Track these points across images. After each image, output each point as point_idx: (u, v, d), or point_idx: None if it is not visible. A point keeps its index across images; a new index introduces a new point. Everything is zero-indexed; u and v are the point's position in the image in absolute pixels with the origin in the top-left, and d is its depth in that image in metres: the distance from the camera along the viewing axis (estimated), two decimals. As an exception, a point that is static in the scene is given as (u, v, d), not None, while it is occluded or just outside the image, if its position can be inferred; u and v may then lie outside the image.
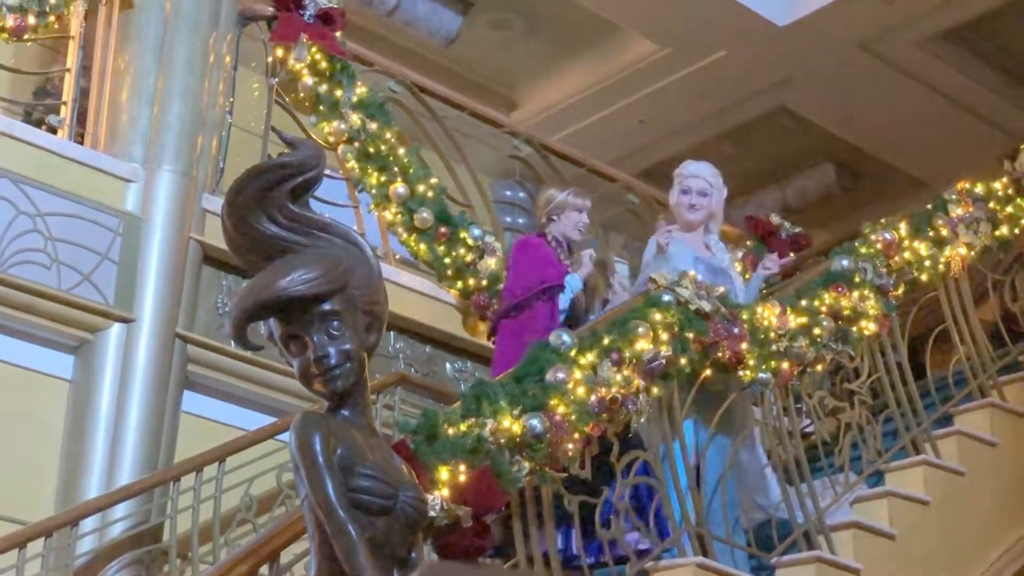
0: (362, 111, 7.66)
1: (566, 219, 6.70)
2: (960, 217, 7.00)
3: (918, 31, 11.33)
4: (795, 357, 5.95)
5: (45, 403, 6.52)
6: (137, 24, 7.24)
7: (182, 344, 6.75)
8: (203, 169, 7.10)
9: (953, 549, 6.30)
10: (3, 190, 6.45)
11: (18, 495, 6.22)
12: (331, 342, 3.01)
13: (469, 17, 11.29)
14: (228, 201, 3.06)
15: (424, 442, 4.71)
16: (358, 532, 2.89)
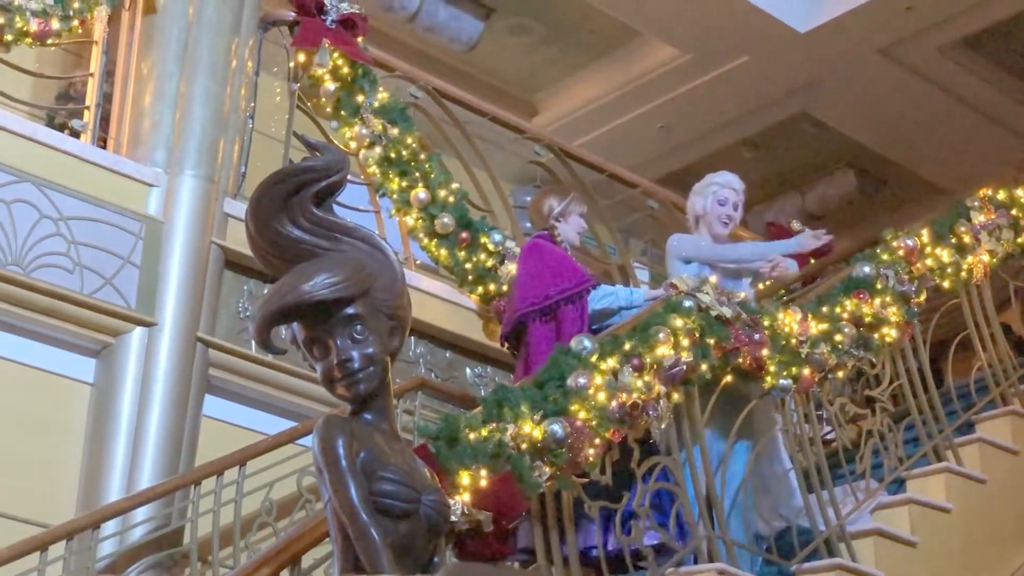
0: (383, 116, 7.68)
1: (572, 223, 6.70)
2: (982, 224, 6.98)
3: (939, 38, 11.32)
4: (816, 364, 5.93)
5: (67, 406, 6.54)
6: (160, 29, 7.27)
7: (203, 348, 6.77)
8: (225, 174, 7.12)
9: (974, 557, 6.28)
10: (26, 194, 6.47)
11: (40, 498, 6.25)
12: (354, 346, 3.01)
13: (490, 23, 11.30)
14: (252, 205, 3.07)
15: (445, 446, 4.70)
16: (381, 536, 2.89)
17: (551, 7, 11.24)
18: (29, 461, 6.33)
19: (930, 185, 12.48)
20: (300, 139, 5.09)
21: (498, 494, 4.61)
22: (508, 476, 4.70)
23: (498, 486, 4.64)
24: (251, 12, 7.50)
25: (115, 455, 6.46)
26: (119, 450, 6.46)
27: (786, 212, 11.66)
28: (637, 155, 11.48)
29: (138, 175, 6.90)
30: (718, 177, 6.65)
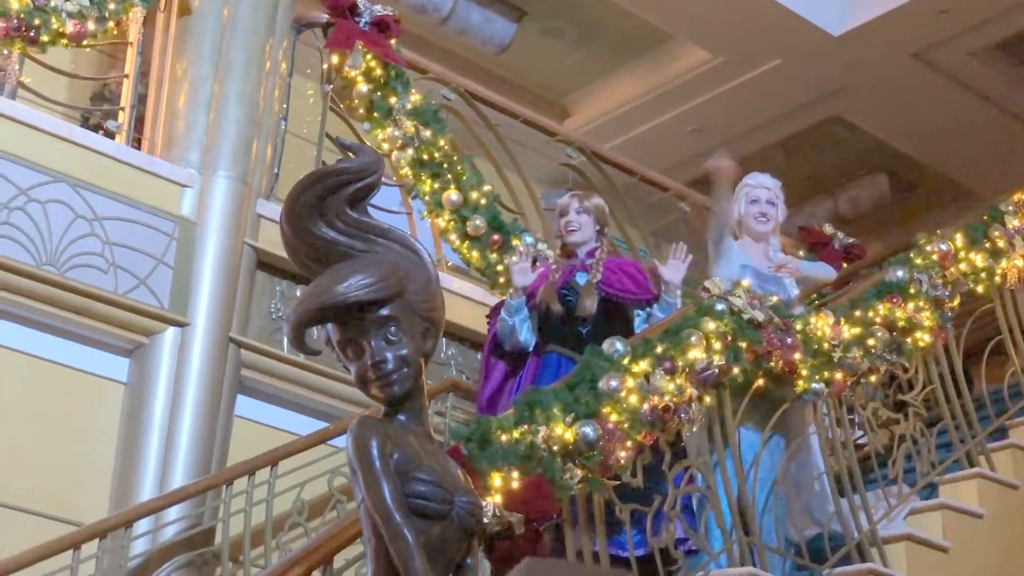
0: (416, 118, 7.69)
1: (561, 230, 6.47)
2: (1017, 228, 6.96)
3: (972, 42, 11.29)
4: (848, 368, 5.92)
5: (100, 406, 6.58)
6: (194, 31, 7.30)
7: (236, 348, 6.79)
8: (258, 175, 7.14)
9: (1007, 563, 6.26)
10: (61, 194, 6.51)
11: (73, 497, 6.28)
12: (388, 347, 3.01)
13: (522, 25, 11.31)
14: (287, 206, 3.07)
15: (477, 448, 4.71)
16: (415, 537, 2.89)
17: (583, 9, 11.25)
18: (63, 460, 6.36)
19: (963, 189, 12.44)
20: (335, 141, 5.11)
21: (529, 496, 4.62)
22: (539, 478, 4.71)
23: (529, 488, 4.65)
24: (285, 14, 7.53)
25: (148, 454, 6.48)
26: (152, 449, 6.49)
27: (818, 216, 11.63)
28: (669, 158, 11.44)
29: (172, 176, 6.93)
30: (749, 179, 6.65)
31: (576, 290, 6.10)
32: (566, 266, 6.30)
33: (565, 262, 6.36)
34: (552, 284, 6.13)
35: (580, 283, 6.13)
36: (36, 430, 6.31)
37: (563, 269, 6.27)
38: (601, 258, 6.24)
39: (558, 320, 6.07)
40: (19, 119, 6.56)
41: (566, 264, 6.33)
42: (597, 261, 6.21)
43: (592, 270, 6.17)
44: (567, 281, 6.17)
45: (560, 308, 6.05)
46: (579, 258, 6.29)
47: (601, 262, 6.21)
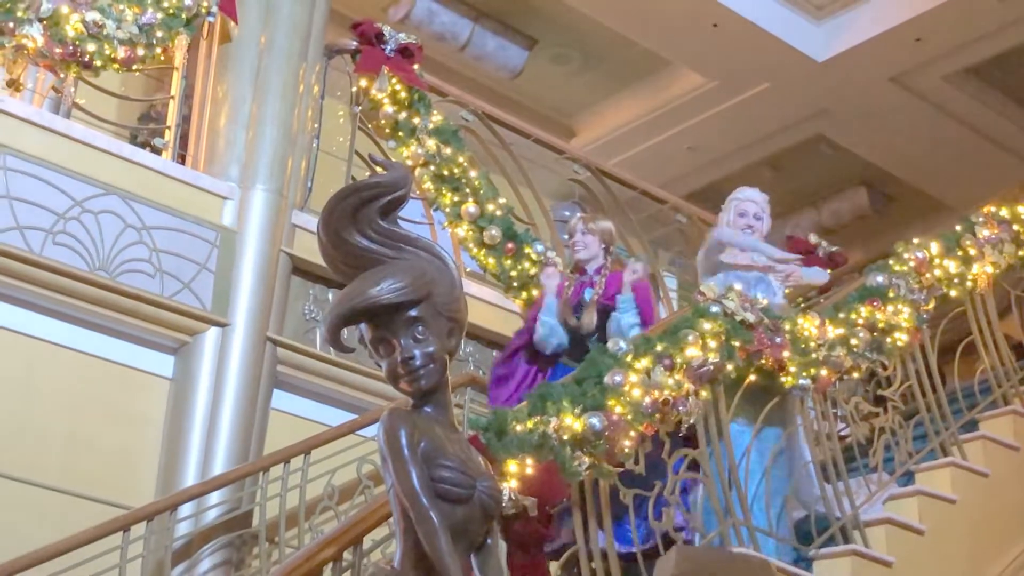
0: (437, 137, 7.71)
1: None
2: (987, 238, 6.95)
3: (946, 67, 11.29)
4: (833, 365, 5.91)
5: (147, 399, 6.59)
6: (234, 56, 7.32)
7: (272, 347, 6.80)
8: (293, 188, 7.16)
9: (978, 545, 6.25)
10: (112, 206, 6.52)
11: (122, 483, 6.29)
12: (416, 345, 3.02)
13: (533, 53, 11.34)
14: (324, 217, 3.08)
15: (494, 437, 4.72)
16: (440, 519, 2.90)
17: (589, 38, 11.26)
18: (113, 449, 6.38)
19: (937, 202, 12.44)
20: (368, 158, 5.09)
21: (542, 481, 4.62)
22: (551, 465, 4.71)
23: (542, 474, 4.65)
24: (317, 41, 7.55)
25: (191, 444, 6.49)
26: (194, 439, 6.50)
27: (803, 226, 11.63)
28: (666, 173, 11.47)
29: (214, 189, 6.94)
30: (738, 192, 6.64)
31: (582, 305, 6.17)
32: (577, 282, 6.36)
33: (576, 278, 6.40)
34: (566, 301, 6.19)
35: (587, 299, 6.19)
36: (89, 422, 6.33)
37: (575, 285, 6.33)
38: (604, 274, 6.28)
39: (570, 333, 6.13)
40: (74, 136, 6.59)
41: (577, 280, 6.38)
42: (601, 278, 6.26)
43: (596, 286, 6.23)
44: (579, 297, 6.25)
45: (576, 321, 6.10)
46: (588, 274, 6.35)
47: (604, 278, 6.26)
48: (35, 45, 6.50)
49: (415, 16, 10.63)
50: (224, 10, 7.24)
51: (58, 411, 6.25)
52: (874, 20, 10.86)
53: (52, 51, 6.58)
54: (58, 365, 6.33)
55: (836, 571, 5.58)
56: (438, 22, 10.78)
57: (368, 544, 4.81)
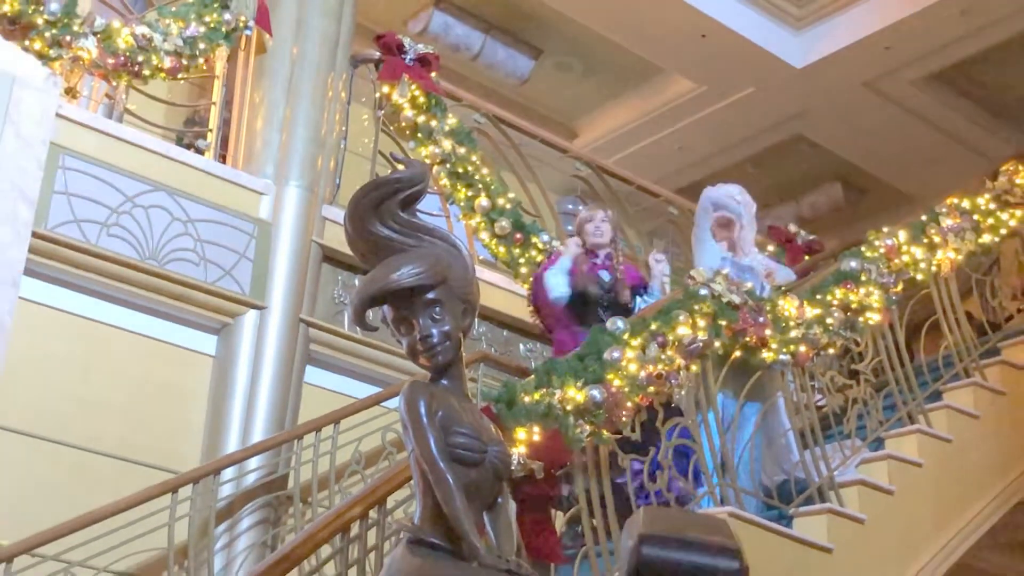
0: (452, 138, 7.71)
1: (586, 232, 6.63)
2: (950, 227, 6.95)
3: (913, 73, 11.27)
4: (811, 342, 5.92)
5: (193, 375, 6.60)
6: (269, 65, 7.32)
7: (305, 327, 6.81)
8: (322, 184, 7.16)
9: (942, 504, 6.25)
10: (161, 201, 6.54)
11: (171, 449, 6.31)
12: (434, 324, 3.02)
13: (539, 61, 11.33)
14: (350, 209, 3.08)
15: (505, 408, 4.73)
16: (456, 481, 2.90)
17: (589, 48, 11.25)
18: (162, 419, 6.40)
19: (905, 195, 12.42)
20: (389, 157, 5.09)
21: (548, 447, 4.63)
22: (556, 432, 4.72)
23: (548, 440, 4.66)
24: (344, 51, 7.55)
25: (232, 415, 6.51)
26: (235, 410, 6.51)
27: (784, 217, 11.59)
28: (659, 170, 11.45)
29: (251, 185, 6.95)
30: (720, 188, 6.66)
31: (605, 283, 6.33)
32: (590, 262, 6.45)
33: (587, 258, 6.44)
34: (585, 273, 6.35)
35: (605, 279, 6.33)
36: (141, 395, 6.35)
37: (589, 263, 6.44)
38: (620, 261, 6.48)
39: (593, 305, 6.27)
40: (125, 139, 6.60)
41: (590, 260, 6.46)
42: (618, 263, 6.46)
43: (613, 270, 6.40)
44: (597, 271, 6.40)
45: (597, 290, 6.30)
46: (599, 258, 6.40)
47: (621, 264, 6.46)
48: (90, 56, 6.51)
49: (432, 29, 10.62)
50: (260, 24, 7.25)
51: (113, 386, 6.27)
52: (848, 30, 10.84)
53: (105, 62, 6.59)
54: (113, 344, 6.35)
55: (814, 528, 5.59)
56: (453, 34, 10.77)
57: (391, 504, 4.82)
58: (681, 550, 1.04)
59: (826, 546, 5.54)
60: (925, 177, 11.93)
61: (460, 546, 2.88)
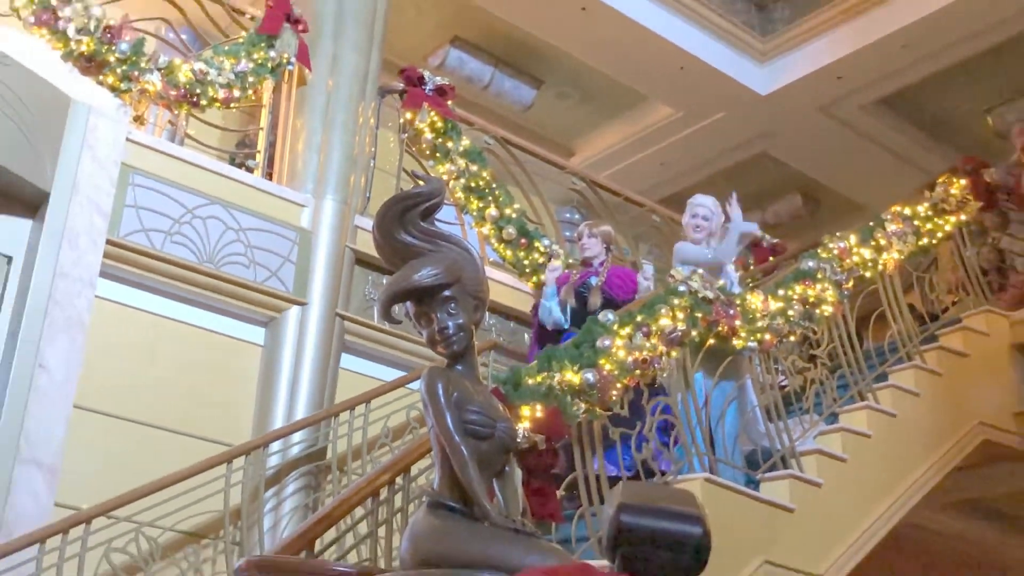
0: (466, 157, 7.70)
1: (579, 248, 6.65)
2: (894, 232, 6.94)
3: (861, 98, 11.25)
4: (774, 331, 5.91)
5: (245, 361, 6.60)
6: (308, 96, 7.32)
7: (340, 320, 6.81)
8: (355, 198, 7.16)
9: (888, 468, 6.25)
10: (217, 212, 6.54)
11: (226, 426, 6.31)
12: (449, 318, 3.02)
13: (541, 91, 11.31)
14: (378, 219, 3.08)
15: (512, 389, 4.73)
16: (469, 452, 2.90)
17: (584, 79, 11.24)
18: (219, 400, 6.41)
19: (855, 204, 12.38)
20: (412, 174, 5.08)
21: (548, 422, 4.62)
22: (555, 410, 4.72)
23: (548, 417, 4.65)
24: (372, 83, 7.55)
25: (278, 395, 6.51)
26: (281, 392, 6.51)
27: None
28: (644, 183, 11.42)
29: (294, 199, 6.95)
30: (694, 198, 6.65)
31: (588, 288, 6.32)
32: (583, 272, 6.50)
33: (583, 268, 6.55)
34: (571, 286, 6.37)
35: (593, 284, 6.32)
36: (199, 379, 6.35)
37: (581, 274, 6.48)
38: (606, 267, 6.45)
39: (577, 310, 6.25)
40: (185, 159, 6.60)
41: (583, 270, 6.52)
42: (604, 270, 6.42)
43: (599, 275, 6.37)
44: (584, 281, 6.39)
45: (574, 302, 6.29)
46: (594, 266, 6.47)
47: (606, 270, 6.42)
48: (155, 89, 6.52)
49: (449, 63, 10.61)
50: (300, 60, 7.25)
51: (175, 371, 6.27)
52: (805, 62, 10.82)
53: (168, 93, 6.60)
54: (175, 336, 6.35)
55: (778, 491, 5.59)
56: (466, 68, 10.76)
57: (415, 471, 4.82)
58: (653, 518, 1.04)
59: (788, 506, 5.54)
60: (873, 189, 11.90)
61: (473, 508, 2.89)
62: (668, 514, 1.04)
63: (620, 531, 1.04)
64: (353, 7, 7.56)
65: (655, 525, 1.03)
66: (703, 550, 1.04)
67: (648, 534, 1.03)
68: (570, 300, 6.28)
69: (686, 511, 1.06)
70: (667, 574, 1.01)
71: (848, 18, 10.52)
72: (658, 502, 1.06)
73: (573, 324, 6.18)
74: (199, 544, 5.75)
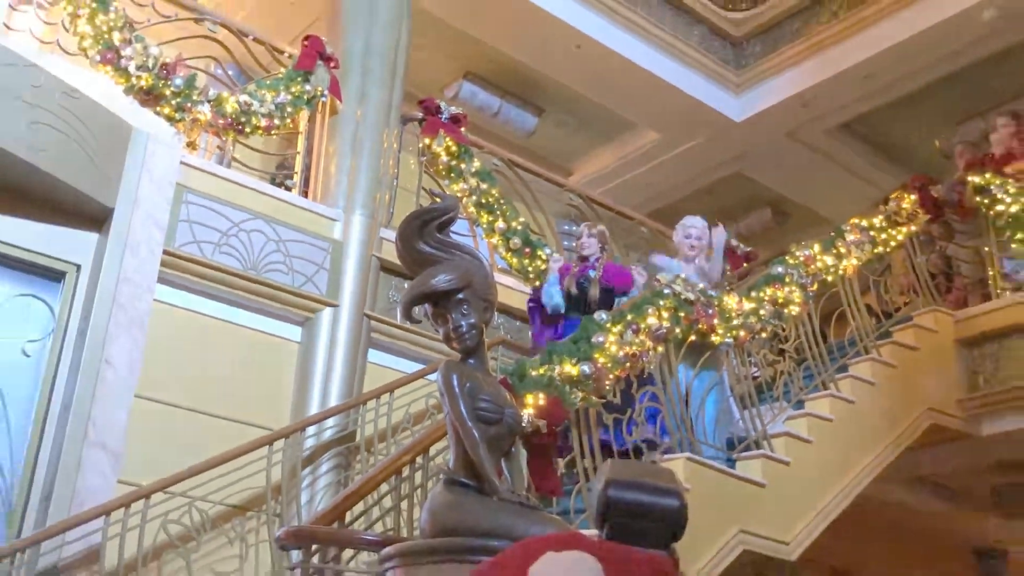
0: (477, 177, 7.72)
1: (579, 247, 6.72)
2: (852, 241, 6.93)
3: (825, 124, 11.23)
4: (748, 328, 5.90)
5: (284, 356, 6.61)
6: (339, 124, 7.33)
7: (367, 320, 6.82)
8: (380, 213, 7.16)
9: (847, 449, 6.23)
10: (260, 226, 6.55)
11: (269, 413, 6.33)
12: (463, 318, 3.03)
13: (542, 119, 11.32)
14: (400, 231, 3.09)
15: (517, 380, 4.73)
16: (480, 435, 2.91)
17: (580, 108, 11.24)
18: (262, 390, 6.41)
19: (819, 217, 12.36)
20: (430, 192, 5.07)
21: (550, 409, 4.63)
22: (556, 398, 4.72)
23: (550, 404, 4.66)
24: (395, 113, 7.56)
25: (313, 385, 6.51)
26: (316, 383, 6.52)
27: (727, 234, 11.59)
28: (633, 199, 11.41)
29: (327, 214, 6.96)
30: (686, 220, 6.64)
31: (588, 280, 6.36)
32: (582, 266, 6.53)
33: (581, 263, 6.58)
34: (573, 276, 6.43)
35: (591, 276, 6.37)
36: (244, 371, 6.36)
37: (580, 267, 6.52)
38: (602, 263, 6.51)
39: (577, 298, 6.32)
40: (232, 179, 6.62)
41: (582, 265, 6.55)
42: (600, 265, 6.47)
43: (596, 270, 6.41)
44: (583, 274, 6.45)
45: (576, 290, 6.35)
46: (591, 261, 6.51)
47: (602, 265, 6.47)
48: (205, 118, 6.55)
49: (462, 95, 10.63)
50: (332, 93, 7.26)
51: (224, 365, 6.29)
52: (774, 93, 10.80)
53: (217, 122, 6.63)
54: (223, 334, 6.37)
55: (751, 468, 5.59)
56: (477, 99, 10.77)
57: (433, 452, 4.83)
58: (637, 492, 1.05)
59: (761, 482, 5.53)
60: (834, 203, 11.88)
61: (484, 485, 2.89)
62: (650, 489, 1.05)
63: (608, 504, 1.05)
64: (378, 46, 7.57)
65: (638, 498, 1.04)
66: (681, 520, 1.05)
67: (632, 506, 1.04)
68: (572, 288, 6.34)
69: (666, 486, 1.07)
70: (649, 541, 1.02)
71: (812, 54, 10.52)
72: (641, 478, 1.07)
73: (573, 310, 6.23)
74: (244, 516, 5.76)
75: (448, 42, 10.19)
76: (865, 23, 10.08)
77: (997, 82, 10.24)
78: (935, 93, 10.55)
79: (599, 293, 6.25)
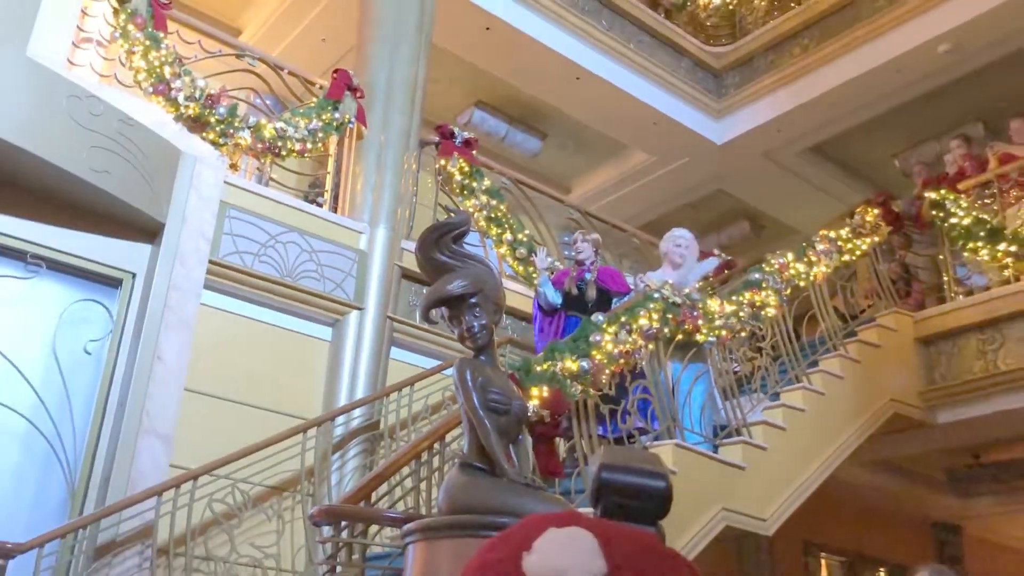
0: (487, 194, 7.71)
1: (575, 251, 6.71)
2: (822, 250, 6.93)
3: (797, 146, 11.22)
4: (729, 328, 5.90)
5: (315, 354, 6.60)
6: (365, 147, 7.33)
7: (390, 322, 6.81)
8: (401, 226, 7.15)
9: (818, 436, 6.23)
10: (294, 239, 6.55)
11: (302, 404, 6.32)
12: (475, 319, 3.02)
13: (545, 142, 11.33)
14: (419, 243, 3.08)
15: (524, 374, 4.73)
16: (492, 424, 2.90)
17: (579, 133, 11.25)
18: (296, 383, 6.40)
19: (792, 229, 12.35)
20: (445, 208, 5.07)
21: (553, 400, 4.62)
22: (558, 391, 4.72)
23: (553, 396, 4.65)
24: (414, 137, 7.56)
25: (342, 380, 6.50)
26: (344, 377, 6.50)
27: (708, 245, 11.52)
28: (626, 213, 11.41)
29: (354, 227, 6.96)
30: (674, 231, 6.64)
31: (586, 283, 6.35)
32: (578, 270, 6.52)
33: (578, 267, 6.56)
34: (572, 279, 6.43)
35: (587, 278, 6.37)
36: (281, 367, 6.36)
37: (578, 271, 6.51)
38: (596, 267, 6.49)
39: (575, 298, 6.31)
40: (270, 197, 6.62)
41: (578, 269, 6.55)
42: (595, 268, 6.46)
43: (591, 273, 6.41)
44: (581, 277, 6.45)
45: (575, 290, 6.34)
46: (586, 265, 6.48)
47: (596, 268, 6.47)
48: (246, 143, 6.55)
49: (473, 121, 10.64)
50: (358, 120, 7.26)
51: (263, 361, 6.28)
52: (751, 118, 10.80)
53: (256, 146, 6.63)
54: (261, 334, 6.37)
55: (732, 453, 5.58)
56: (487, 125, 10.79)
57: (449, 439, 4.84)
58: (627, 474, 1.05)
59: (741, 465, 5.52)
60: (805, 216, 11.87)
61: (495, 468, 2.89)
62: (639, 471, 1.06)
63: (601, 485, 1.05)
64: (399, 79, 7.57)
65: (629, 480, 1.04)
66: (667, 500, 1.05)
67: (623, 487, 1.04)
68: (572, 289, 6.32)
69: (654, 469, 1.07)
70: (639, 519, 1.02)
71: (785, 83, 10.52)
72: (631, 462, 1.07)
73: (572, 308, 6.23)
74: (281, 496, 5.75)
75: (461, 75, 10.21)
76: (832, 56, 10.08)
77: (950, 108, 10.23)
78: (895, 118, 10.54)
79: (595, 294, 6.26)
